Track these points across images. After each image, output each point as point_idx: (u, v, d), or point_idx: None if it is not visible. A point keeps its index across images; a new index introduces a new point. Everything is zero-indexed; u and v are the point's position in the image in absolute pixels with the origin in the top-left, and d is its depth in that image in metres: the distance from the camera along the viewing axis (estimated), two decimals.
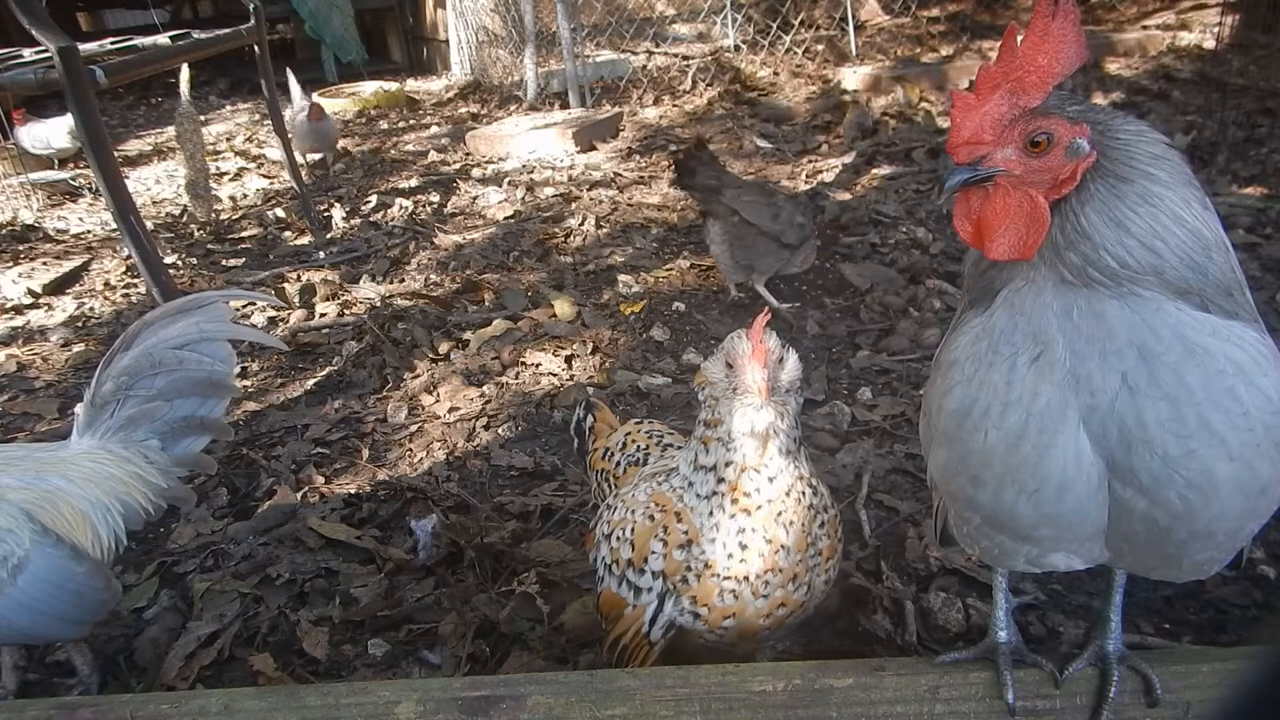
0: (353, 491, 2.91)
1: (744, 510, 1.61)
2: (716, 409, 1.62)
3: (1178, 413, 1.17)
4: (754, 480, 1.60)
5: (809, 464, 1.67)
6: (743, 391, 1.56)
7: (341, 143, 8.06)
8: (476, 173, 6.61)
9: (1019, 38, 1.19)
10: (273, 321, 4.29)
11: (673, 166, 4.26)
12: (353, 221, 5.71)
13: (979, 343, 1.31)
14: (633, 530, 1.74)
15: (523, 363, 3.68)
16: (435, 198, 6.08)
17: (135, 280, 4.84)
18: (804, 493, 1.63)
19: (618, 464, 2.04)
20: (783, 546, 1.61)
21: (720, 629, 1.66)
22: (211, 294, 2.33)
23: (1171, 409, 1.17)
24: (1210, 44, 7.33)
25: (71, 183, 6.81)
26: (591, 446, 2.21)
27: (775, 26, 9.06)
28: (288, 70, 6.93)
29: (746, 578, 1.62)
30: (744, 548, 1.61)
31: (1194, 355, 1.17)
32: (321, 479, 3.01)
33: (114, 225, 3.98)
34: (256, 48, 5.03)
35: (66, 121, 6.59)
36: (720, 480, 1.62)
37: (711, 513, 1.63)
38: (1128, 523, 1.27)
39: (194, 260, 5.17)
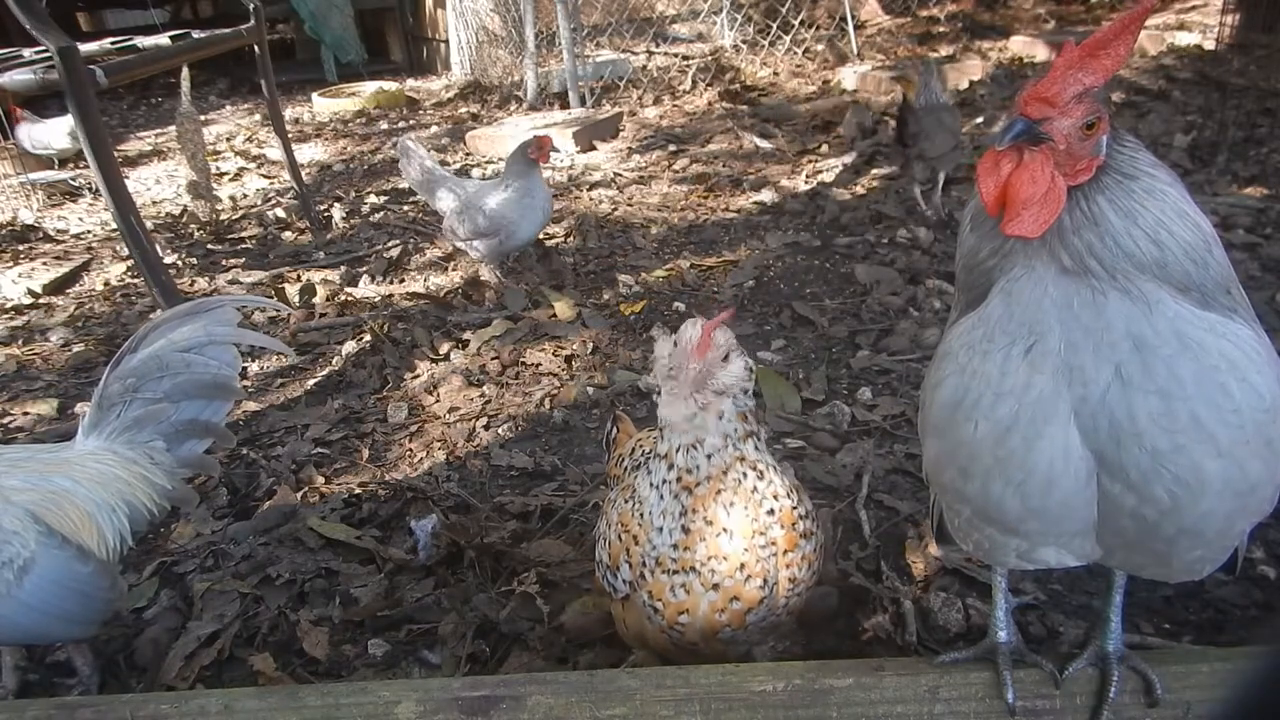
0: (353, 491, 2.91)
1: (685, 488, 1.65)
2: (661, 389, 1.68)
3: (1169, 407, 1.17)
4: (694, 456, 1.64)
5: (758, 452, 1.69)
6: (673, 377, 1.61)
7: (340, 143, 8.06)
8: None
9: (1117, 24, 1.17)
10: (273, 322, 4.29)
11: (895, 128, 4.92)
12: (353, 221, 5.71)
13: (974, 331, 1.31)
14: (608, 526, 1.83)
15: (523, 363, 3.68)
16: None
17: (135, 280, 4.84)
18: (745, 474, 1.65)
19: (625, 469, 2.09)
20: (725, 529, 1.63)
21: (678, 625, 1.68)
22: (220, 298, 2.34)
23: (1163, 403, 1.17)
24: (1210, 44, 7.32)
25: (71, 183, 6.80)
26: (612, 455, 2.26)
27: (775, 26, 9.06)
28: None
29: (693, 567, 1.64)
30: (686, 531, 1.65)
31: (1188, 350, 1.17)
32: (321, 479, 3.01)
33: (114, 225, 3.98)
34: (256, 48, 5.03)
35: (66, 121, 6.58)
36: (670, 466, 1.67)
37: (662, 497, 1.69)
38: (1117, 519, 1.27)
39: (194, 260, 5.17)
